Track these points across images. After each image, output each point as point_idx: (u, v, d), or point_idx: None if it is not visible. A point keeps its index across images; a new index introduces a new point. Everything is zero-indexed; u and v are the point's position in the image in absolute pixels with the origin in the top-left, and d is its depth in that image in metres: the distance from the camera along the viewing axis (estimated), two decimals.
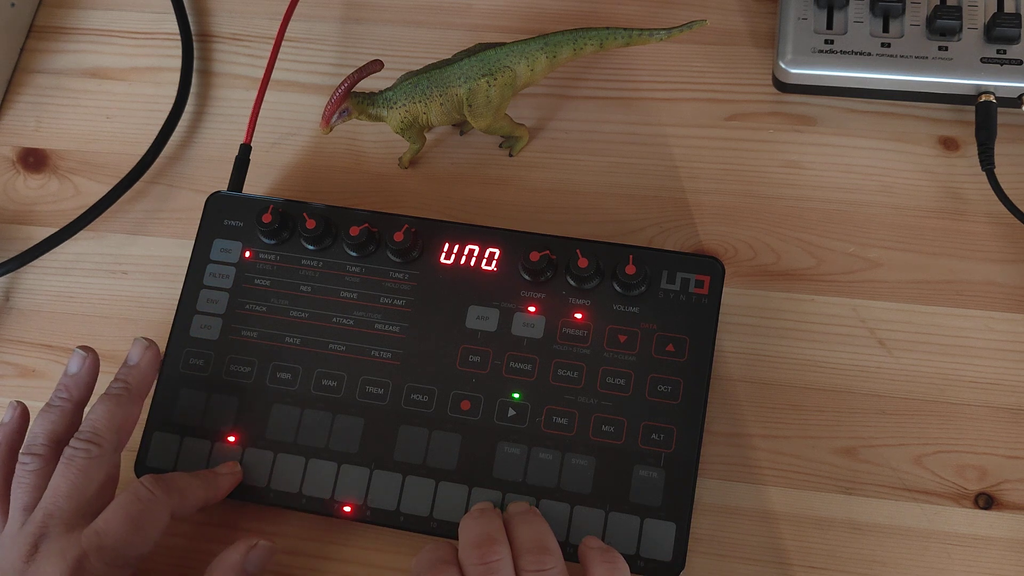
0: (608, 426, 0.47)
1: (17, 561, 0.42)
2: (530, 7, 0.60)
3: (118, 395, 0.46)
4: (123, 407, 0.46)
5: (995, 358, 0.49)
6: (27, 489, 0.44)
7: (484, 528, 0.42)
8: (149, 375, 0.48)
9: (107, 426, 0.45)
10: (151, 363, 0.48)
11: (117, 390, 0.47)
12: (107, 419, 0.45)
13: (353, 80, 0.49)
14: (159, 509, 0.44)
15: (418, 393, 0.48)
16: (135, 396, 0.47)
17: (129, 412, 0.47)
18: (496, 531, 0.42)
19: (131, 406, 0.47)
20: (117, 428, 0.46)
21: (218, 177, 0.56)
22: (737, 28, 0.58)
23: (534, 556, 0.41)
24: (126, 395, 0.47)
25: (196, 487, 0.46)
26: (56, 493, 0.43)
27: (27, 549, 0.42)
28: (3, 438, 0.47)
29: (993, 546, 0.46)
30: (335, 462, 0.48)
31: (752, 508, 0.48)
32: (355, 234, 0.50)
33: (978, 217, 0.52)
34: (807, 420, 0.49)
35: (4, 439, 0.47)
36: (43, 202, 0.58)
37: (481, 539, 0.42)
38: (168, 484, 0.45)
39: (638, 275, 0.48)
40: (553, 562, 0.41)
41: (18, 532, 0.43)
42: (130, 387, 0.47)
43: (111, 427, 0.45)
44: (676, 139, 0.55)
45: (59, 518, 0.43)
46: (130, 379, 0.47)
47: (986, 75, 0.52)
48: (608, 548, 0.43)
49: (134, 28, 0.62)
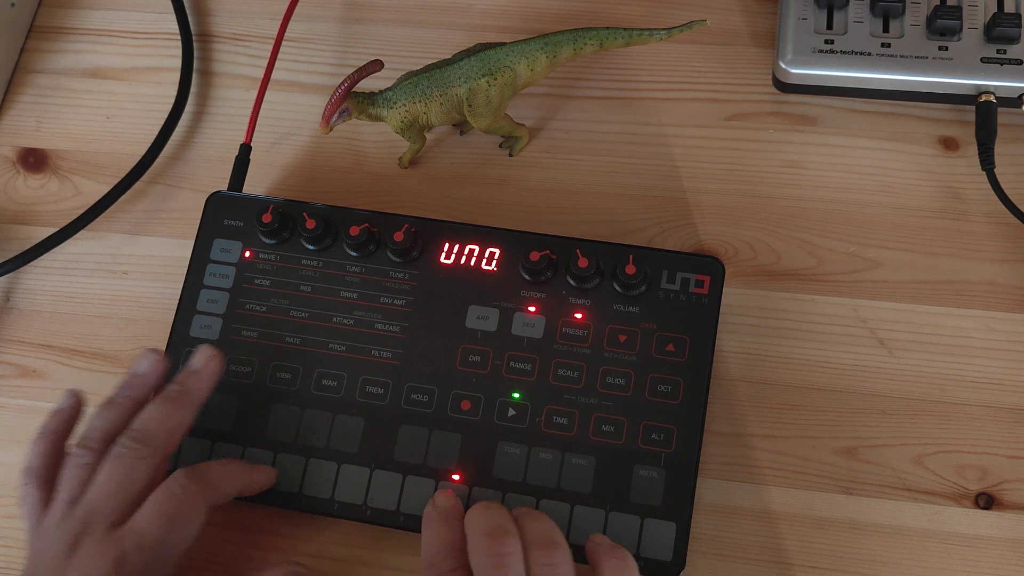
0: (608, 426, 0.47)
1: (58, 555, 0.42)
2: (530, 7, 0.60)
3: (173, 398, 0.46)
4: (178, 410, 0.46)
5: (995, 358, 0.49)
6: (76, 483, 0.44)
7: (496, 520, 0.42)
8: (208, 383, 0.47)
9: (159, 428, 0.45)
10: (213, 373, 0.47)
11: (173, 393, 0.46)
12: (159, 421, 0.45)
13: (353, 80, 0.49)
14: (194, 505, 0.44)
15: (418, 393, 0.48)
16: (191, 401, 0.46)
17: (183, 416, 0.46)
18: (508, 523, 0.42)
19: (185, 411, 0.46)
20: (168, 431, 0.45)
21: (218, 177, 0.56)
22: (737, 28, 0.58)
23: (544, 551, 0.41)
24: (181, 399, 0.46)
25: (230, 477, 0.46)
26: (100, 491, 0.43)
27: (69, 543, 0.42)
28: (57, 425, 0.46)
29: (993, 546, 0.46)
30: (335, 462, 0.48)
31: (752, 508, 0.48)
32: (355, 234, 0.50)
33: (978, 217, 0.52)
34: (807, 420, 0.49)
35: (57, 426, 0.46)
36: (43, 202, 0.58)
37: (494, 530, 0.41)
38: (201, 477, 0.44)
39: (638, 275, 0.48)
40: (563, 558, 0.41)
41: (60, 524, 0.43)
42: (187, 392, 0.46)
43: (162, 429, 0.45)
44: (676, 139, 0.55)
45: (102, 516, 0.42)
46: (189, 384, 0.46)
47: (986, 75, 0.52)
48: (616, 546, 0.43)
49: (134, 28, 0.62)
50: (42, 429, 0.46)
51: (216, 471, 0.46)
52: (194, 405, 0.46)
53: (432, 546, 0.42)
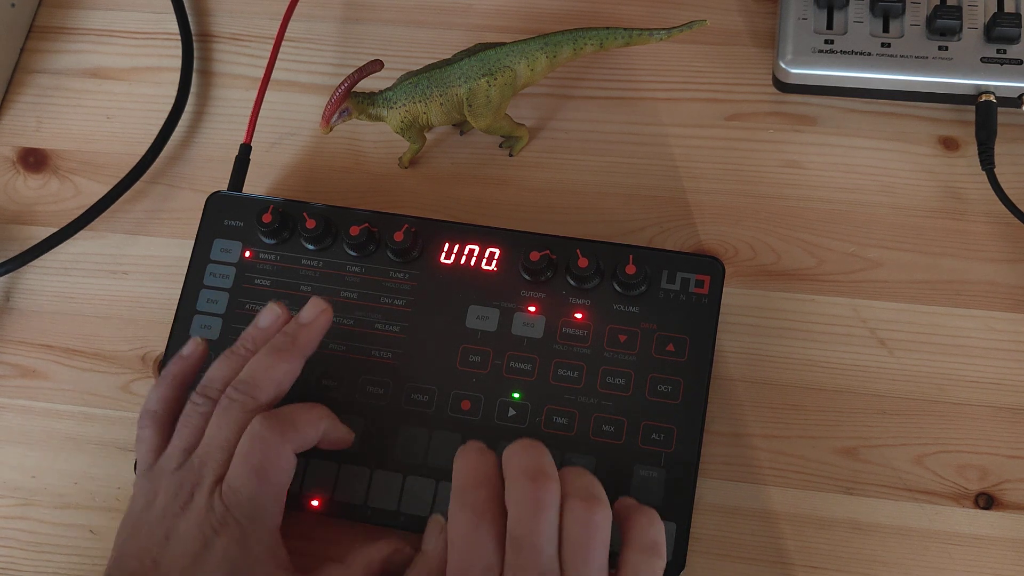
0: (608, 426, 0.47)
1: (172, 505, 0.42)
2: (530, 7, 0.60)
3: (281, 348, 0.45)
4: (284, 361, 0.45)
5: (995, 358, 0.49)
6: (193, 431, 0.44)
7: (539, 461, 0.40)
8: (317, 335, 0.46)
9: (264, 377, 0.44)
10: (323, 325, 0.46)
11: (281, 343, 0.45)
12: (265, 370, 0.44)
13: (353, 80, 0.49)
14: (277, 450, 0.43)
15: (418, 393, 0.48)
16: (298, 353, 0.45)
17: (289, 367, 0.45)
18: (551, 467, 0.40)
19: (292, 362, 0.45)
20: (275, 381, 0.44)
21: (218, 177, 0.56)
22: (737, 28, 0.58)
23: (585, 504, 0.39)
24: (289, 350, 0.45)
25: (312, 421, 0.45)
26: (211, 442, 0.43)
27: (183, 496, 0.42)
28: (179, 371, 0.46)
29: (993, 546, 0.46)
30: (336, 462, 0.48)
31: (752, 508, 0.48)
32: (355, 234, 0.50)
33: (978, 217, 0.52)
34: (807, 420, 0.49)
35: (179, 372, 0.46)
36: (43, 202, 0.58)
37: (536, 472, 0.39)
38: (280, 423, 0.43)
39: (638, 275, 0.48)
40: (603, 516, 0.39)
41: (175, 472, 0.43)
42: (296, 343, 0.45)
43: (269, 379, 0.44)
44: (676, 139, 0.55)
45: (211, 468, 0.42)
46: (298, 335, 0.46)
47: (986, 75, 0.52)
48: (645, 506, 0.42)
49: (134, 28, 0.62)
50: (164, 373, 0.46)
51: (297, 414, 0.44)
52: (302, 356, 0.46)
53: (464, 475, 0.41)
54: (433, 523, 0.44)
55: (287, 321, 0.47)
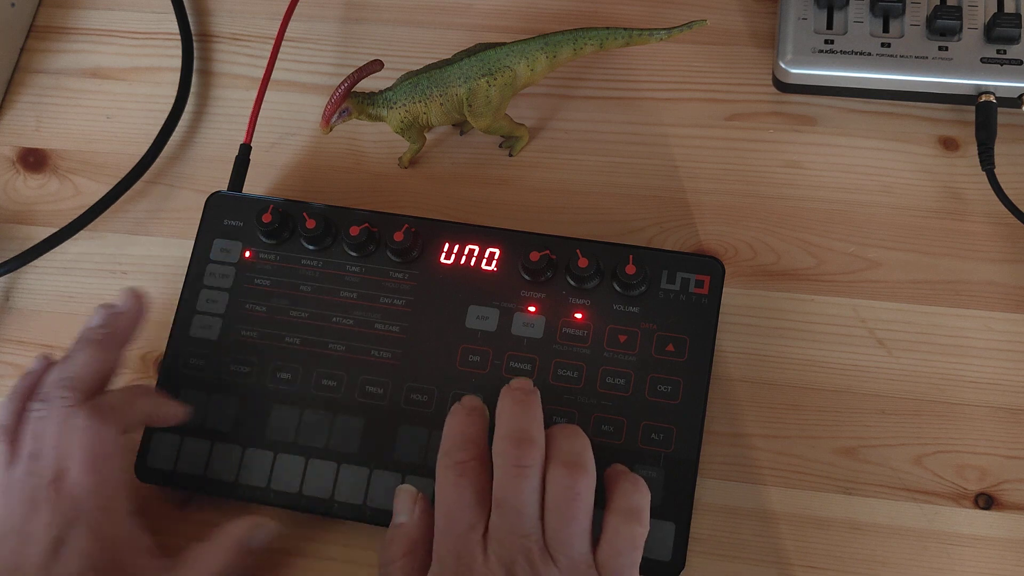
0: (608, 426, 0.47)
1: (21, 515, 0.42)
2: (530, 7, 0.60)
3: (99, 340, 0.46)
4: (103, 351, 0.46)
5: (995, 358, 0.49)
6: (34, 436, 0.44)
7: (523, 424, 0.41)
8: (133, 323, 0.48)
9: (86, 372, 0.45)
10: (138, 313, 0.48)
11: (99, 335, 0.46)
12: (85, 364, 0.45)
13: (353, 80, 0.49)
14: (104, 438, 0.43)
15: (418, 393, 0.48)
16: (116, 342, 0.47)
17: (109, 357, 0.46)
18: (537, 432, 0.41)
19: (111, 351, 0.46)
20: (96, 372, 0.45)
21: (218, 177, 0.56)
22: (737, 28, 0.58)
23: (567, 470, 0.40)
24: (106, 341, 0.46)
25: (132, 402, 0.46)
26: (45, 443, 0.43)
27: (32, 501, 0.42)
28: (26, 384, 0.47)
29: (993, 546, 0.46)
30: (335, 462, 0.48)
31: (752, 508, 0.48)
32: (355, 234, 0.50)
33: (978, 217, 0.52)
34: (807, 420, 0.49)
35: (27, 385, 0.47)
36: (43, 202, 0.58)
37: (519, 437, 0.41)
38: (101, 409, 0.44)
39: (638, 275, 0.48)
40: (585, 483, 0.40)
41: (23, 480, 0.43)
42: (112, 333, 0.47)
43: (90, 372, 0.45)
44: (676, 139, 0.55)
45: (49, 468, 0.43)
46: (114, 325, 0.47)
47: (986, 75, 0.52)
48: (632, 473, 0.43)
49: (134, 28, 0.62)
50: (12, 388, 0.46)
51: (114, 397, 0.45)
52: (120, 346, 0.47)
53: (451, 437, 0.43)
54: (404, 493, 0.44)
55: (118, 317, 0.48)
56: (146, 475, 0.49)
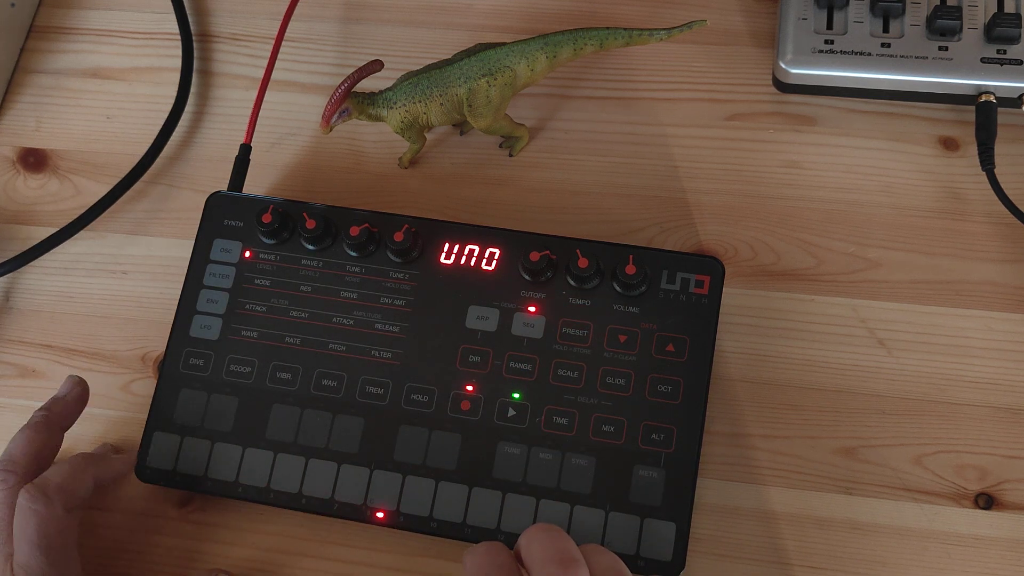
0: (608, 426, 0.47)
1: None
2: (530, 7, 0.60)
3: (37, 423, 0.47)
4: (40, 434, 0.47)
5: (995, 358, 0.49)
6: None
7: (564, 545, 0.38)
8: (73, 408, 0.49)
9: (21, 453, 0.45)
10: (77, 398, 0.49)
11: (38, 418, 0.47)
12: (21, 446, 0.46)
13: (353, 80, 0.49)
14: (50, 517, 0.43)
15: (418, 393, 0.48)
16: (54, 426, 0.47)
17: (47, 439, 0.47)
18: (577, 553, 0.38)
19: (49, 434, 0.47)
20: (33, 455, 0.46)
21: (218, 177, 0.56)
22: (737, 28, 0.58)
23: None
24: (44, 424, 0.47)
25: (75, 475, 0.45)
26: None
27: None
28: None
29: (993, 546, 0.46)
30: (335, 462, 0.48)
31: (752, 508, 0.48)
32: (355, 234, 0.50)
33: (978, 217, 0.52)
34: (807, 420, 0.49)
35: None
36: (43, 202, 0.58)
37: (563, 556, 0.37)
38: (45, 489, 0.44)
39: (638, 275, 0.48)
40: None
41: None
42: (51, 416, 0.47)
43: (26, 454, 0.46)
44: (676, 139, 0.55)
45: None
46: (53, 409, 0.48)
47: (986, 75, 0.52)
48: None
49: (134, 28, 0.62)
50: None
51: (57, 475, 0.45)
52: (59, 429, 0.48)
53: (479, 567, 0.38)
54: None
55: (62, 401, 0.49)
56: (146, 475, 0.49)
